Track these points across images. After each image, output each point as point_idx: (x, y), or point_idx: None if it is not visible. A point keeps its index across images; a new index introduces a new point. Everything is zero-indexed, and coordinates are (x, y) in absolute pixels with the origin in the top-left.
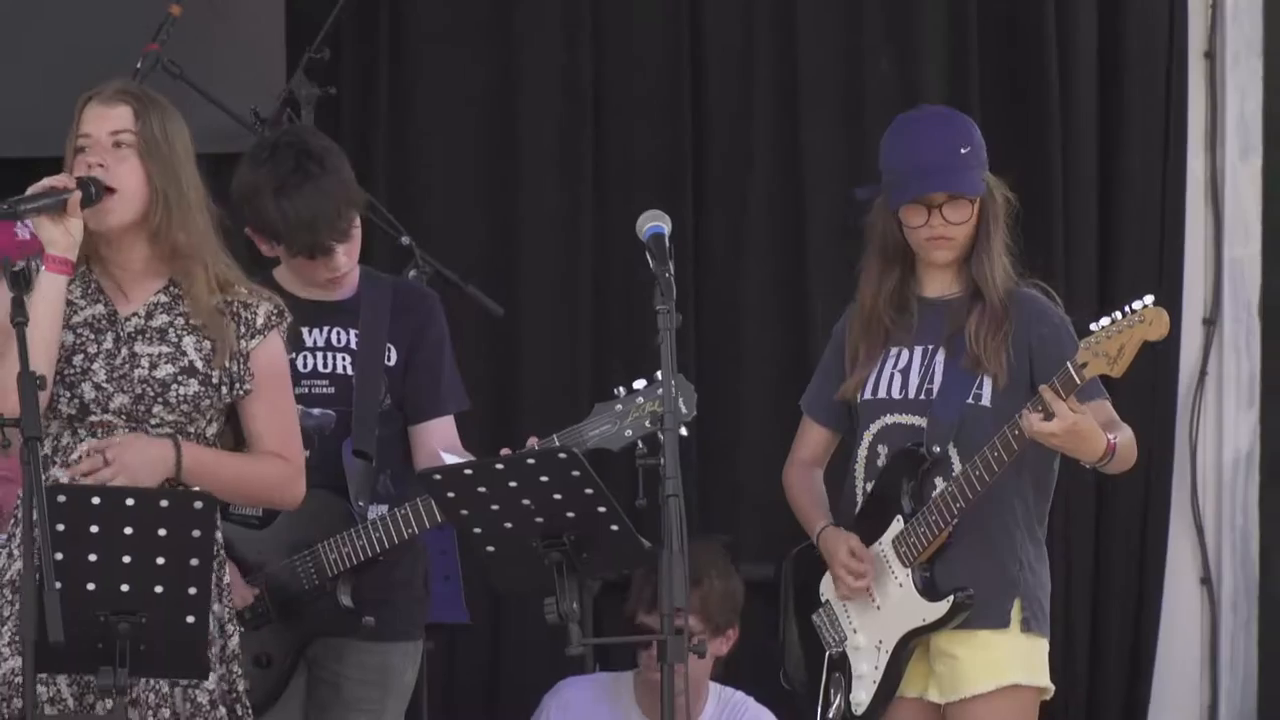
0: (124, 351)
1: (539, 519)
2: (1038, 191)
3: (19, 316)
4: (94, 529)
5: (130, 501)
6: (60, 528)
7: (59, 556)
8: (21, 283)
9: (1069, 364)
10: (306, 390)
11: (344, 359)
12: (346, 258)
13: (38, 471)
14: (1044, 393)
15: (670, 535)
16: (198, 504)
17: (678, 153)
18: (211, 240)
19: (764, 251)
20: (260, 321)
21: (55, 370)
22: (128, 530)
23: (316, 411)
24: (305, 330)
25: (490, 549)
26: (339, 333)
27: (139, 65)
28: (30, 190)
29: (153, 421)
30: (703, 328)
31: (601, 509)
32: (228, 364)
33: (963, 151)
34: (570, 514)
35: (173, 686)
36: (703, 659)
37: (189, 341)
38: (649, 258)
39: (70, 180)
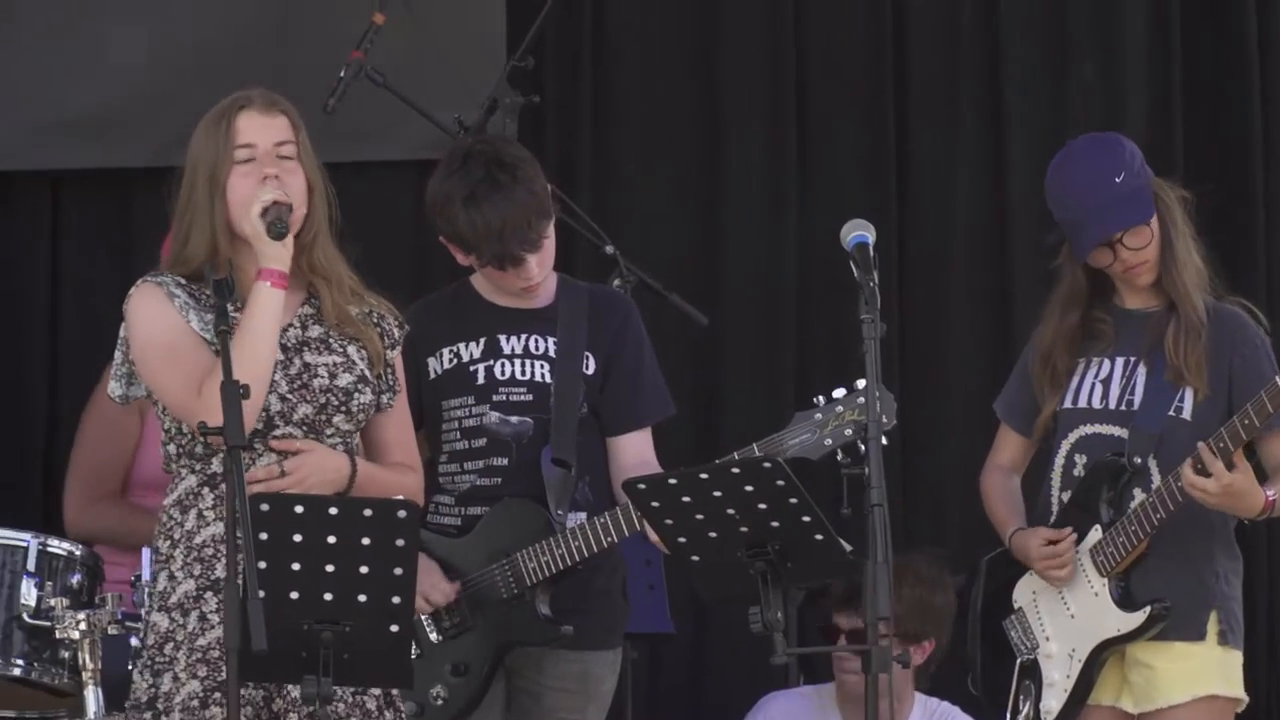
0: (296, 362)
1: (743, 528)
2: (1240, 203)
3: (222, 325)
4: (297, 538)
5: (334, 510)
6: (264, 536)
7: (262, 565)
8: (224, 291)
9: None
10: (504, 397)
11: (542, 366)
12: (539, 267)
13: (241, 480)
14: (1202, 451)
15: (875, 544)
16: (401, 513)
17: (881, 161)
18: (339, 250)
19: (967, 260)
20: (395, 333)
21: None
22: (331, 539)
23: (514, 419)
24: (503, 337)
25: (695, 558)
26: (537, 340)
27: (342, 74)
28: (272, 214)
29: (329, 432)
30: (907, 336)
31: (806, 518)
32: (382, 373)
33: (1118, 181)
34: (775, 523)
35: (344, 689)
36: (905, 669)
37: (353, 350)
38: (853, 266)
39: (280, 192)
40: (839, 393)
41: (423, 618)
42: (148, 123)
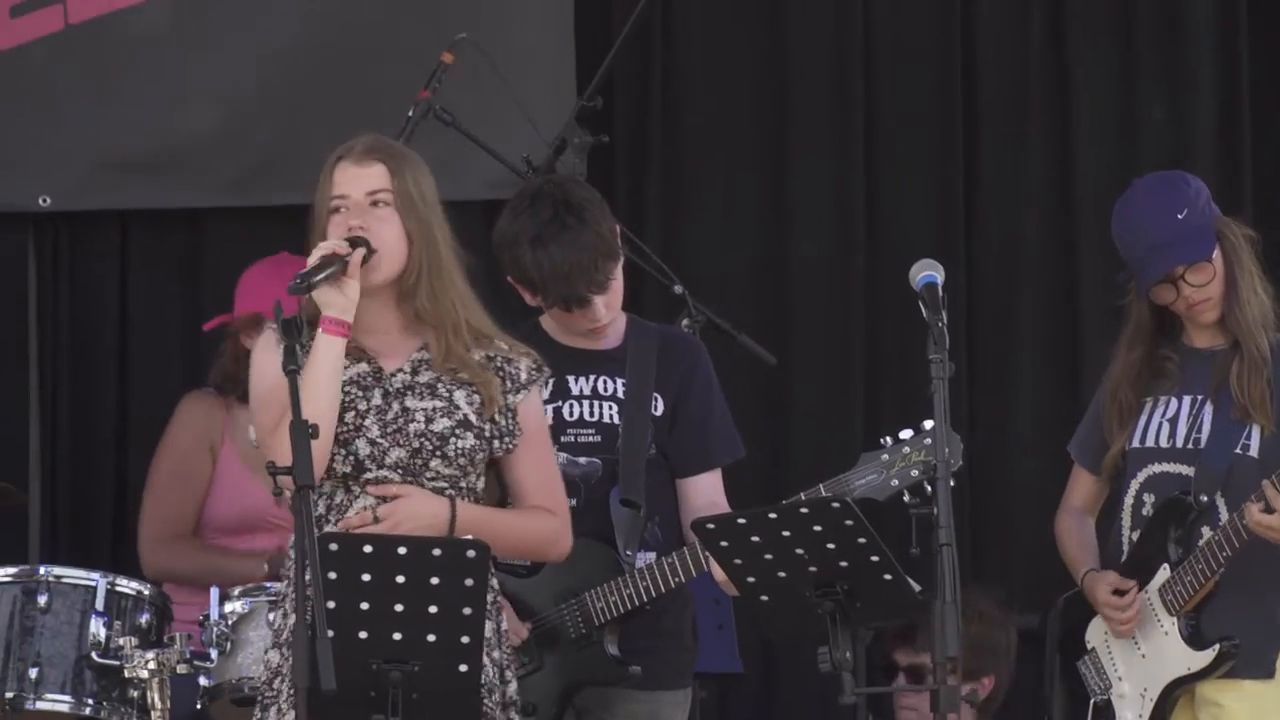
0: (395, 406)
1: (812, 568)
2: None
3: (290, 364)
4: (366, 577)
5: (402, 550)
6: (332, 576)
7: (331, 605)
8: (293, 331)
9: None
10: (573, 439)
11: (610, 407)
12: (606, 309)
13: (309, 519)
14: (1266, 488)
15: (943, 584)
16: (470, 552)
17: (950, 201)
18: (465, 293)
19: (1036, 300)
20: (524, 376)
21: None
22: (400, 579)
23: (583, 460)
24: (571, 378)
25: (764, 598)
26: (605, 381)
27: (410, 113)
28: (312, 260)
29: (428, 475)
30: (975, 376)
31: (875, 558)
32: (497, 418)
33: (1180, 217)
34: (843, 563)
35: None
36: (974, 706)
37: (460, 395)
38: (922, 306)
39: (344, 245)
40: (906, 434)
41: None
42: (214, 162)
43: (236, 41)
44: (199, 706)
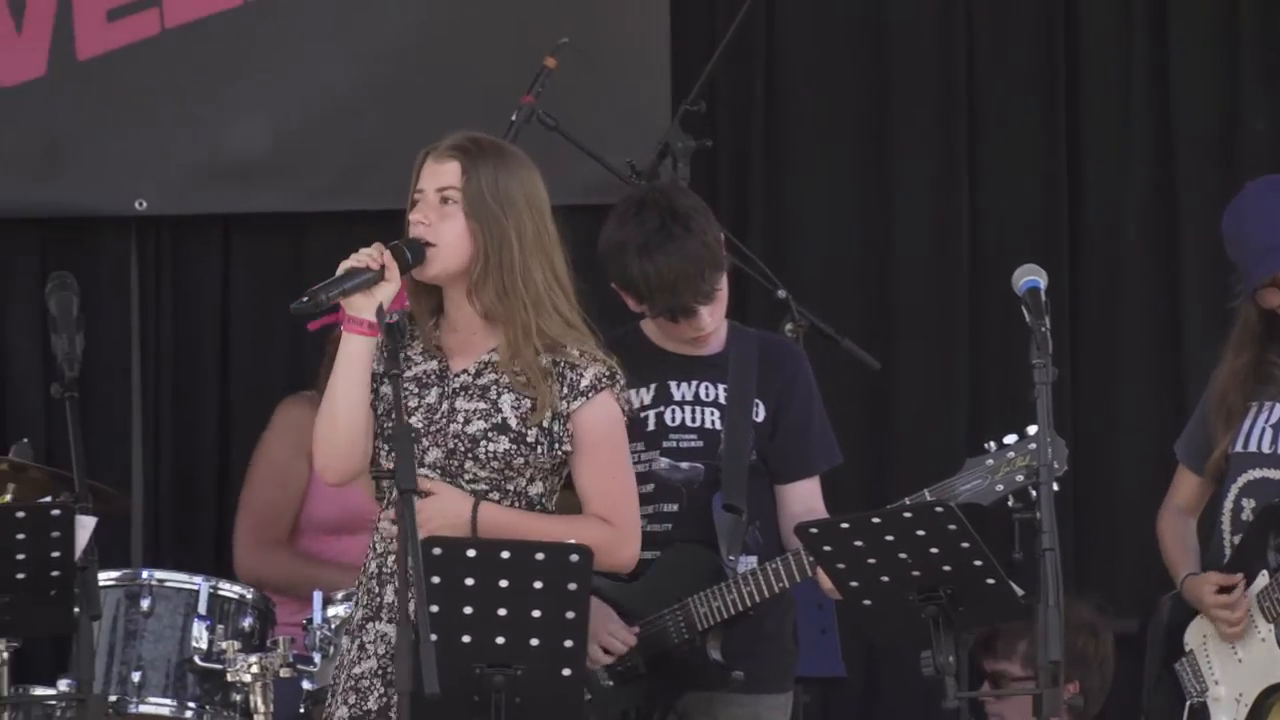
0: (445, 406)
1: (915, 572)
2: None
3: (394, 368)
4: (469, 581)
5: (506, 554)
6: (436, 580)
7: (434, 609)
8: (396, 334)
9: None
10: (675, 444)
11: (712, 413)
12: (710, 317)
13: (413, 524)
14: None
15: (1046, 589)
16: (574, 556)
17: (1053, 206)
18: (542, 298)
19: (1139, 304)
20: (585, 383)
21: (378, 425)
22: (503, 583)
23: (685, 465)
24: (673, 384)
25: (867, 602)
26: (707, 387)
27: (514, 118)
28: (340, 271)
29: (466, 477)
30: (1079, 381)
31: (978, 562)
32: (546, 423)
33: None
34: (946, 567)
35: None
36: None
37: (506, 400)
38: (1025, 312)
39: (377, 259)
40: (1010, 439)
41: None
42: (314, 166)
43: (335, 44)
44: (301, 710)
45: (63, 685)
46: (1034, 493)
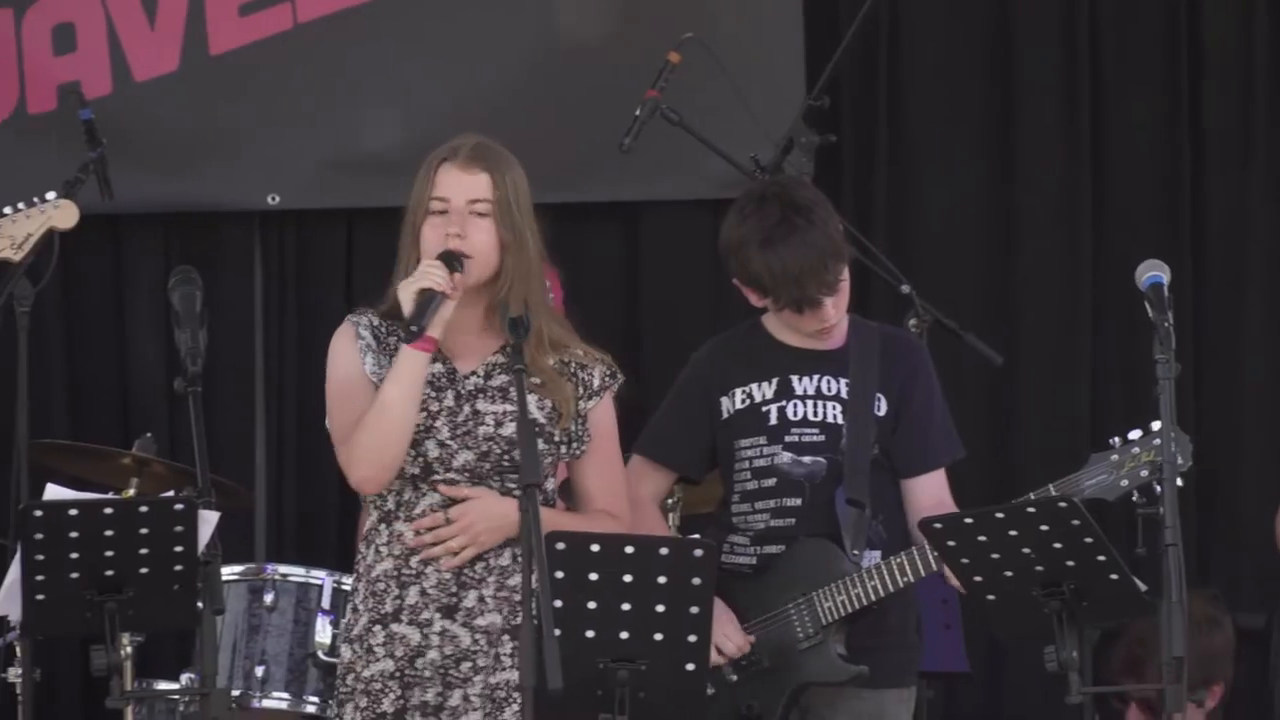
0: (466, 409)
1: (1039, 567)
2: None
3: (517, 363)
4: (593, 576)
5: (630, 549)
6: (559, 575)
7: (558, 604)
8: (520, 330)
9: None
10: (797, 438)
11: (834, 407)
12: (834, 310)
13: (537, 520)
14: None
15: (1169, 585)
16: (697, 551)
17: (1176, 201)
18: (544, 300)
19: (1263, 299)
20: (596, 383)
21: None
22: (627, 578)
23: (807, 459)
24: (795, 378)
25: (990, 597)
26: (829, 381)
27: (638, 112)
28: (407, 294)
29: (495, 479)
30: (1202, 376)
31: (1101, 558)
32: (568, 424)
33: None
34: (1070, 562)
35: None
36: (1200, 707)
37: (532, 400)
38: (1148, 307)
39: (447, 280)
40: (1135, 434)
41: None
42: None
43: (465, 40)
44: None
45: (185, 680)
46: (1158, 488)
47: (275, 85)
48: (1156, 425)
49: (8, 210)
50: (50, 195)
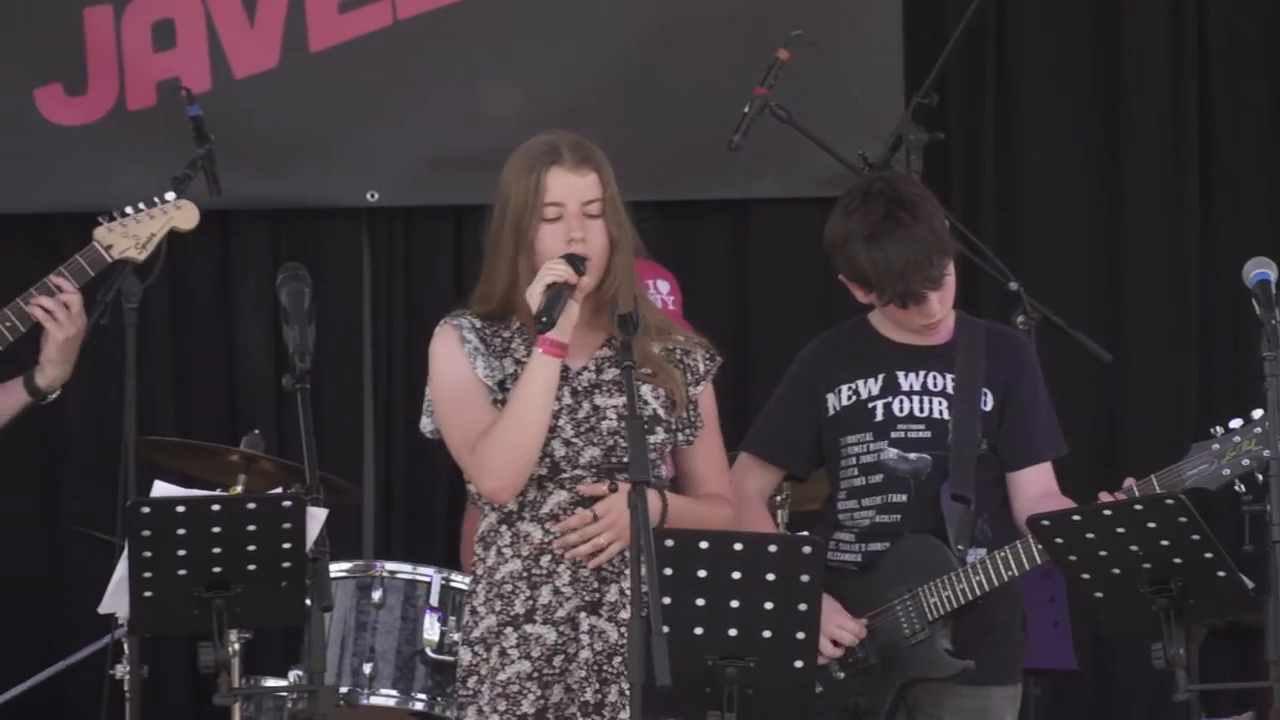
0: (585, 406)
1: (1146, 564)
2: None
3: (627, 360)
4: (701, 573)
5: (738, 546)
6: (668, 572)
7: (667, 601)
8: (629, 327)
9: None
10: (903, 434)
11: (940, 403)
12: (940, 304)
13: (645, 516)
14: None
15: (1276, 582)
16: (806, 548)
17: None
18: (642, 291)
19: None
20: (701, 368)
21: None
22: (735, 575)
23: (913, 456)
24: (901, 374)
25: (1098, 594)
26: (935, 377)
27: (747, 109)
28: (536, 289)
29: (621, 473)
30: None
31: (1208, 554)
32: (684, 411)
33: None
34: (1177, 559)
35: None
36: None
37: (647, 390)
38: (1255, 304)
39: (569, 271)
40: (1236, 423)
41: None
42: None
43: (568, 36)
44: None
45: (293, 677)
46: (1259, 478)
47: (374, 82)
48: (1258, 413)
49: (129, 210)
50: (169, 195)
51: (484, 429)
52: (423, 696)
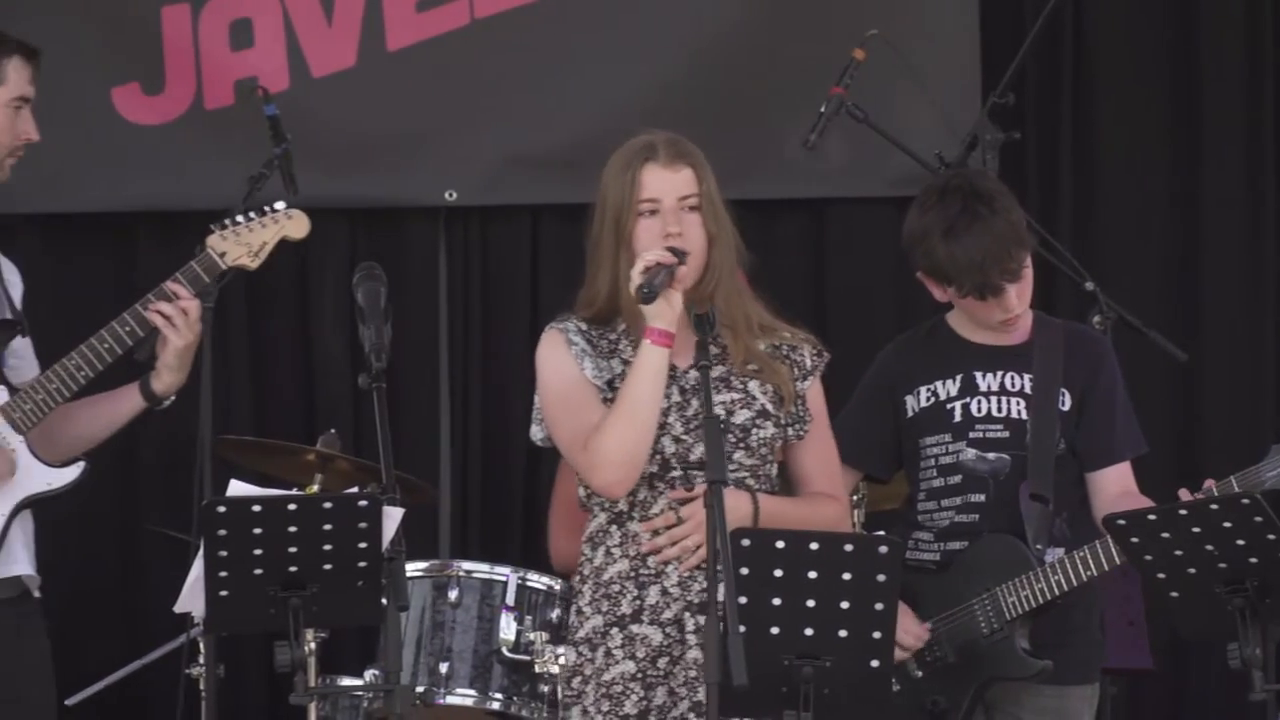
0: (693, 403)
1: (1222, 564)
2: None
3: (703, 360)
4: (778, 573)
5: (815, 545)
6: (744, 571)
7: (743, 600)
8: (705, 326)
9: None
10: (981, 434)
11: (1018, 403)
12: (1018, 299)
13: (722, 516)
14: None
15: None
16: (882, 548)
17: None
18: (745, 287)
19: None
20: (809, 363)
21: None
22: (812, 574)
23: (991, 455)
24: (979, 374)
25: (1173, 594)
26: (1013, 377)
27: (823, 109)
28: (638, 269)
29: (731, 468)
30: None
31: None
32: (792, 406)
33: None
34: (1253, 559)
35: None
36: None
37: (754, 386)
38: None
39: (665, 253)
40: None
41: None
42: None
43: (643, 36)
44: None
45: (369, 676)
46: None
47: (451, 81)
48: None
49: (240, 219)
50: (279, 205)
51: (595, 426)
52: (499, 696)
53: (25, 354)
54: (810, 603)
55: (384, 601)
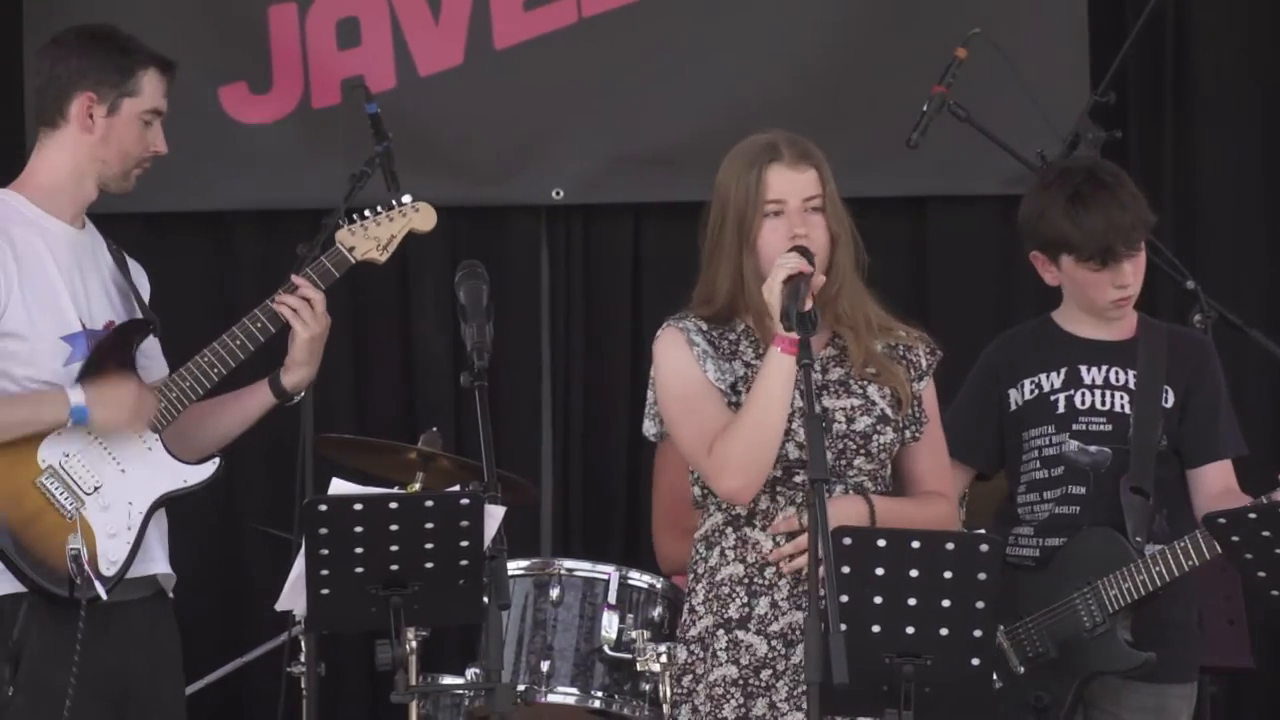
0: (816, 408)
1: None
2: None
3: (804, 358)
4: (879, 571)
5: (916, 544)
6: (846, 570)
7: (844, 599)
8: (807, 325)
9: None
10: (1084, 427)
11: (1122, 398)
12: (1133, 275)
13: (824, 514)
14: None
15: None
16: (983, 547)
17: None
18: (865, 289)
19: None
20: (924, 364)
21: None
22: (913, 573)
23: (1093, 448)
24: (1083, 367)
25: (1274, 593)
26: (1117, 372)
27: (925, 108)
28: (776, 281)
29: (850, 473)
30: None
31: None
32: (909, 409)
33: None
34: None
35: None
36: None
37: (873, 390)
38: None
39: (802, 261)
40: None
41: (1004, 645)
42: (722, 157)
43: (746, 37)
44: None
45: (471, 674)
46: None
47: (560, 80)
48: None
49: (368, 213)
50: (406, 198)
51: (719, 431)
52: (600, 694)
53: (155, 354)
54: (911, 601)
55: (485, 600)
